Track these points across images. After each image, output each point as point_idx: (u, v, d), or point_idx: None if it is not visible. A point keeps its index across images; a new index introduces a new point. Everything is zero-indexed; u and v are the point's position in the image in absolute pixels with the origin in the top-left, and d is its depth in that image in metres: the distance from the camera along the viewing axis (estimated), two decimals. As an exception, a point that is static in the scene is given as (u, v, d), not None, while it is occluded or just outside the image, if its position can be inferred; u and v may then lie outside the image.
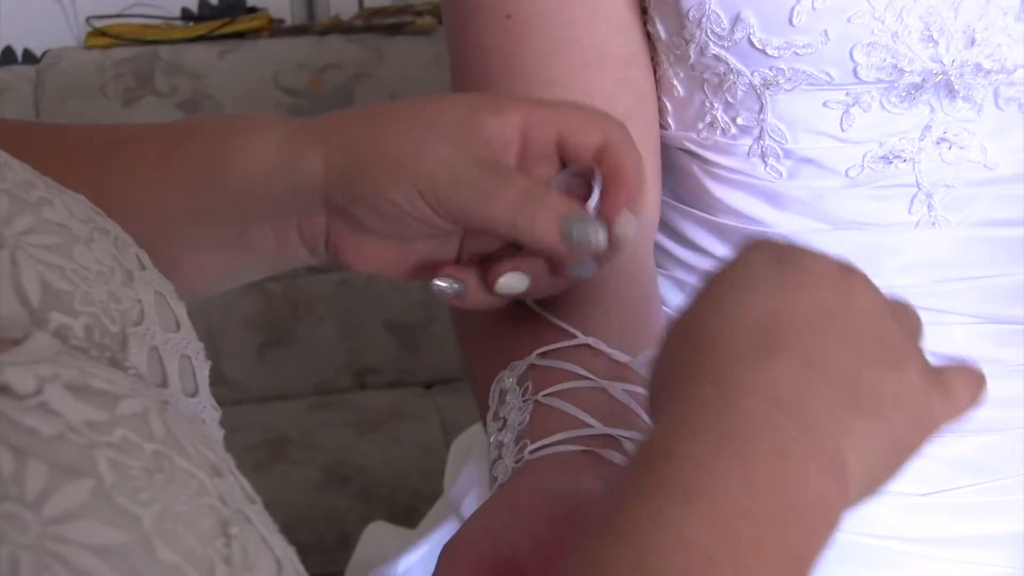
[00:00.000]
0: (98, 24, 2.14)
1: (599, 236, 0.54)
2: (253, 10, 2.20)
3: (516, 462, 0.58)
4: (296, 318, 2.00)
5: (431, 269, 0.58)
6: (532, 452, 0.57)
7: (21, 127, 0.61)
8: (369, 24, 2.14)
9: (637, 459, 0.41)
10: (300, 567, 0.39)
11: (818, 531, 0.40)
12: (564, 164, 0.57)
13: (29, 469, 0.30)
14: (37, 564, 0.29)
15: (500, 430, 0.60)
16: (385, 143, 0.54)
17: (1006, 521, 0.69)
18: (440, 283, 0.58)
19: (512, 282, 0.57)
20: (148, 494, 0.33)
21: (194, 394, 0.47)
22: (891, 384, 0.43)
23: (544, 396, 0.59)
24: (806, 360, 0.42)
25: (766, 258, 0.45)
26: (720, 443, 0.40)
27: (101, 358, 0.41)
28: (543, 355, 0.61)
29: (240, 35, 2.13)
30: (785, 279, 0.44)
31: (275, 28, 2.17)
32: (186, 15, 2.21)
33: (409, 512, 1.70)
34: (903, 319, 0.46)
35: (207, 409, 0.48)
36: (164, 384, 0.45)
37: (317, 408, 1.93)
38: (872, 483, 0.43)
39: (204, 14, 2.20)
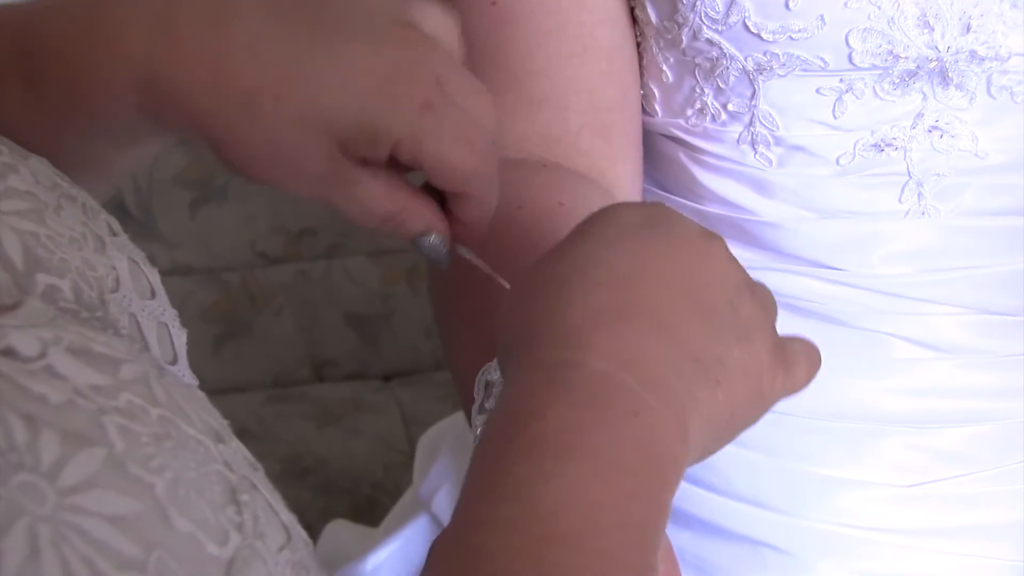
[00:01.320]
0: None
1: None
2: None
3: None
4: (253, 309, 1.97)
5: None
6: None
7: None
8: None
9: (504, 422, 0.42)
10: (305, 535, 0.39)
11: (670, 482, 0.42)
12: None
13: (42, 438, 0.30)
14: (55, 535, 0.28)
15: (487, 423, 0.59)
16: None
17: (993, 512, 0.69)
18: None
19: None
20: (159, 461, 0.32)
21: (173, 362, 0.47)
22: (738, 356, 0.45)
23: None
24: (659, 325, 0.43)
25: (638, 218, 0.46)
26: (585, 407, 0.41)
27: (92, 319, 0.40)
28: None
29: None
30: (651, 242, 0.45)
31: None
32: None
33: (371, 505, 1.68)
34: (759, 295, 0.47)
35: (186, 378, 0.47)
36: (145, 352, 0.44)
37: (275, 400, 1.91)
38: (706, 450, 0.45)
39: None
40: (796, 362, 0.47)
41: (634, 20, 0.70)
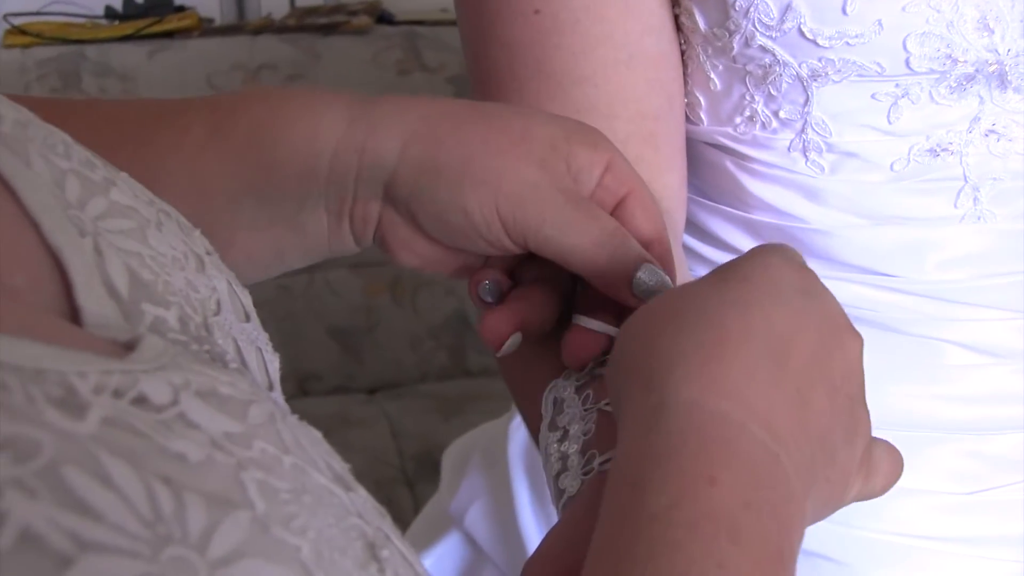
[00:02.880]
0: (16, 22, 2.06)
1: (666, 282, 0.52)
2: (181, 9, 2.13)
3: (585, 473, 0.55)
4: (235, 324, 1.94)
5: (467, 273, 0.56)
6: (602, 464, 0.55)
7: (53, 104, 0.56)
8: (302, 24, 2.09)
9: (668, 475, 0.38)
10: None
11: (795, 544, 0.39)
12: None
13: (188, 506, 0.27)
14: None
15: (561, 441, 0.58)
16: (470, 149, 0.51)
17: (1050, 518, 0.69)
18: (487, 293, 0.55)
19: (514, 343, 0.54)
20: (301, 521, 0.30)
21: (270, 390, 0.44)
22: (844, 456, 0.43)
23: (607, 404, 0.57)
24: (800, 400, 0.41)
25: (797, 282, 0.43)
26: (755, 483, 0.38)
27: (201, 352, 0.38)
28: (598, 364, 0.58)
29: (168, 35, 2.06)
30: (809, 312, 0.42)
31: (205, 28, 2.11)
32: (110, 13, 2.14)
33: (364, 522, 1.66)
34: (865, 402, 0.45)
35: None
36: (260, 388, 0.42)
37: (261, 417, 1.88)
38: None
39: (129, 13, 2.13)
40: (878, 471, 0.45)
41: (678, 28, 0.69)
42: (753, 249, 0.45)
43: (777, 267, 0.44)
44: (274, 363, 0.44)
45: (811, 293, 0.43)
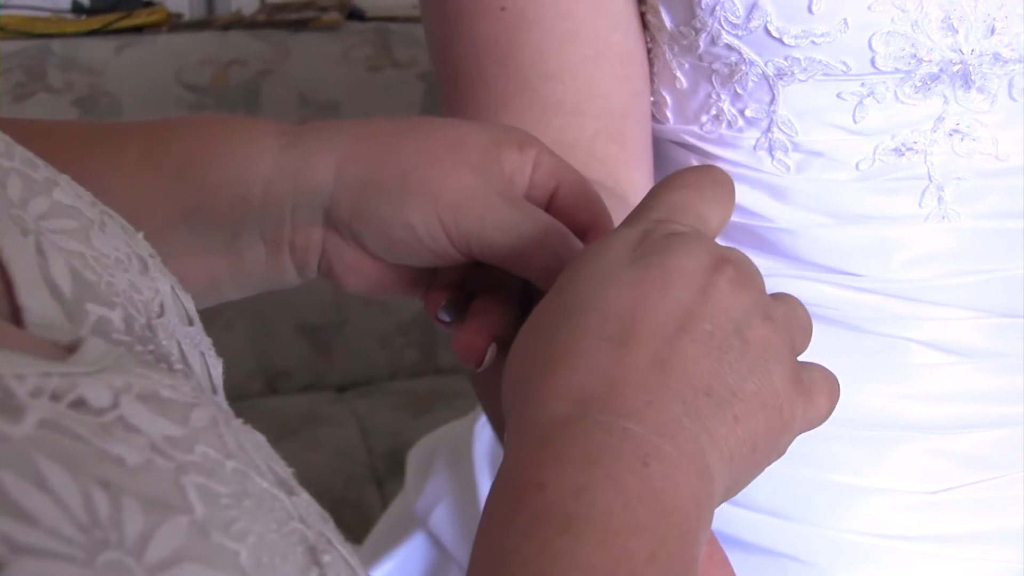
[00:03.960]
0: (-19, 16, 2.04)
1: None
2: (149, 4, 2.12)
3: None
4: (204, 322, 1.93)
5: (415, 291, 0.56)
6: None
7: None
8: (272, 19, 2.08)
9: (505, 491, 0.39)
10: None
11: (694, 531, 0.39)
12: None
13: (125, 510, 0.27)
14: None
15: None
16: (406, 162, 0.51)
17: (1015, 517, 0.69)
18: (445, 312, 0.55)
19: (492, 354, 0.53)
20: (241, 525, 0.29)
21: (214, 395, 0.44)
22: (753, 387, 0.42)
23: None
24: (661, 365, 0.41)
25: (626, 254, 0.44)
26: (588, 466, 0.38)
27: (145, 353, 0.37)
28: None
29: (137, 30, 2.05)
30: (643, 280, 0.42)
31: (173, 23, 2.09)
32: (77, 8, 2.12)
33: (333, 519, 1.65)
34: (778, 316, 0.44)
35: None
36: (203, 390, 0.41)
37: (230, 415, 1.87)
38: (733, 484, 0.43)
39: (97, 7, 2.11)
40: (817, 389, 0.45)
41: (645, 26, 0.68)
42: (599, 239, 0.46)
43: (605, 250, 0.44)
44: (217, 368, 0.44)
45: (647, 259, 0.43)
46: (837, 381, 0.46)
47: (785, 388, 0.43)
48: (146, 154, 0.53)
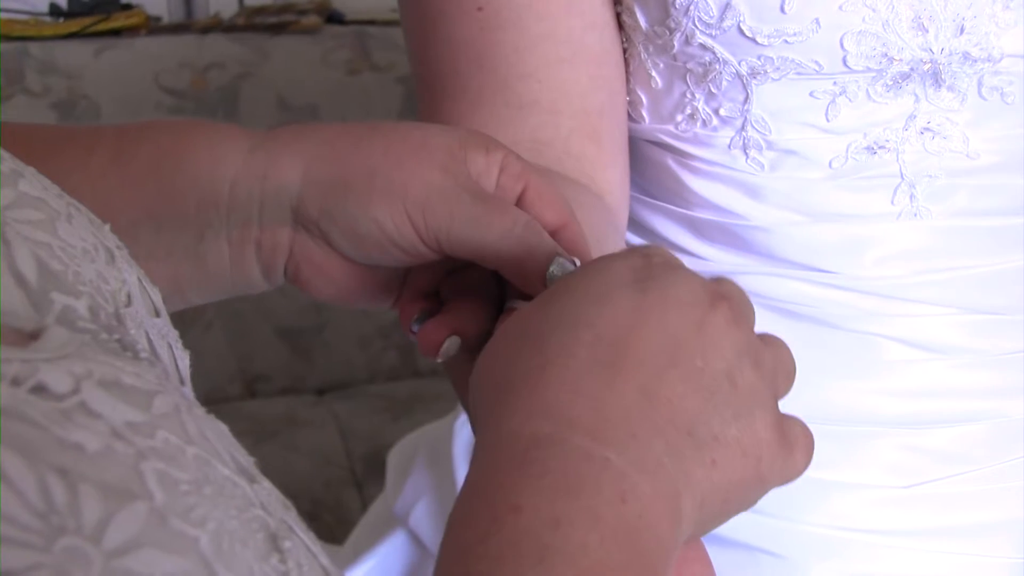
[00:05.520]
0: (-42, 20, 2.04)
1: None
2: (127, 7, 2.11)
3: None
4: (183, 324, 1.92)
5: (385, 298, 0.56)
6: None
7: None
8: (251, 23, 2.08)
9: (479, 508, 0.38)
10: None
11: (660, 570, 0.39)
12: None
13: (82, 496, 0.27)
14: None
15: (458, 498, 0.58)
16: (373, 162, 0.52)
17: (990, 510, 0.70)
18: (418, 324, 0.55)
19: (451, 346, 0.53)
20: (201, 511, 0.30)
21: (181, 386, 0.44)
22: (735, 434, 0.41)
23: None
24: (649, 397, 0.40)
25: (629, 275, 0.43)
26: (566, 495, 0.38)
27: (111, 341, 0.38)
28: None
29: (115, 33, 2.05)
30: (642, 306, 0.42)
31: (152, 26, 2.09)
32: (55, 11, 2.12)
33: (312, 521, 1.64)
34: (765, 362, 0.43)
35: None
36: (168, 378, 0.41)
37: (209, 418, 1.87)
38: (699, 528, 0.42)
39: (75, 10, 2.11)
40: (797, 445, 0.44)
41: (620, 26, 0.69)
42: (600, 257, 0.45)
43: (607, 269, 0.43)
44: (184, 360, 0.44)
45: (647, 284, 0.42)
46: (813, 438, 0.45)
47: (768, 437, 0.42)
48: (114, 155, 0.54)
